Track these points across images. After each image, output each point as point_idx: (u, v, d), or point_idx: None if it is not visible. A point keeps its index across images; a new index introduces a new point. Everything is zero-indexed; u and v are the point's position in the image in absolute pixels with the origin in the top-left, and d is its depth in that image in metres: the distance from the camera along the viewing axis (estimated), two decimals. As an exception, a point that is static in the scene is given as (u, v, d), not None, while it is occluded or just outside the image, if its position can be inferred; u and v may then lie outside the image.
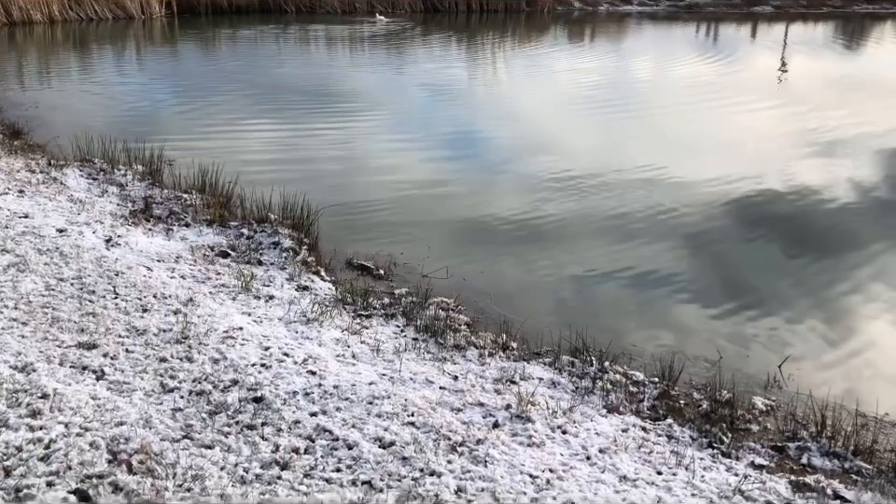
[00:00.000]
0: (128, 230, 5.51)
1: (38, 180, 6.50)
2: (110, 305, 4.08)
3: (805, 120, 11.41)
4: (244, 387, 3.33)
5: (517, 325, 4.59)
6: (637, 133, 10.55)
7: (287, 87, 13.36)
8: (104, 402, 3.08)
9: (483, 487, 2.81)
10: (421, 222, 6.57)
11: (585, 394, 3.82)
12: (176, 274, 4.75)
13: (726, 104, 12.56)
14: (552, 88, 14.61)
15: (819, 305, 5.20)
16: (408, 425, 3.19)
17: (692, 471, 3.12)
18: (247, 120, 10.47)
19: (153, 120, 10.22)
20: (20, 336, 3.60)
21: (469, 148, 9.51)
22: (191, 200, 6.37)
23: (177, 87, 13.20)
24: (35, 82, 13.12)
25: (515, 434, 3.26)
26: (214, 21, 23.58)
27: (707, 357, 4.42)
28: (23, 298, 4.02)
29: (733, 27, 26.93)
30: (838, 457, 3.43)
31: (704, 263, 5.91)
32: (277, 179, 6.93)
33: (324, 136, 9.72)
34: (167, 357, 3.56)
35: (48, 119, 9.68)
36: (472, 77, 15.24)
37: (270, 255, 5.40)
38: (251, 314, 4.29)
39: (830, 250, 6.19)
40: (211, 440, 2.92)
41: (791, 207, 7.27)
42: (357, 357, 3.91)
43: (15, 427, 2.82)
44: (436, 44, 20.41)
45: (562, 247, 6.13)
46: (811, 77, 16.64)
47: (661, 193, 7.46)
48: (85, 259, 4.71)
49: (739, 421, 3.70)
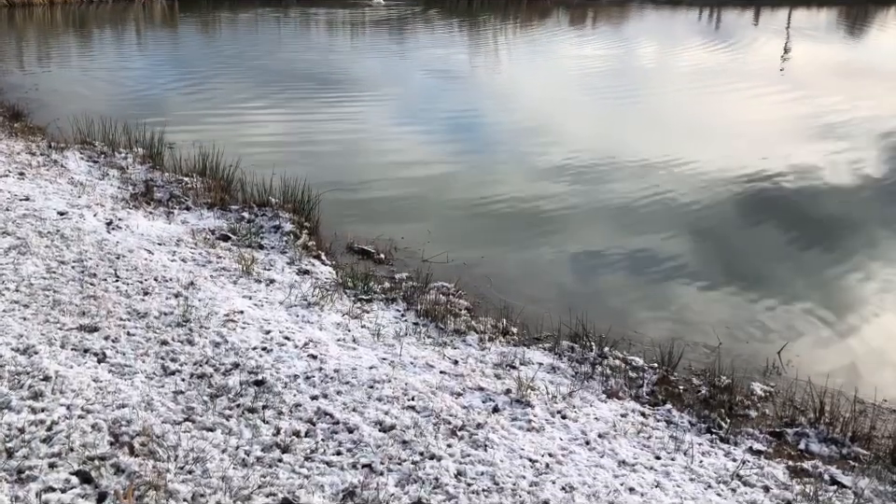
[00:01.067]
0: (129, 213, 5.51)
1: (39, 163, 6.49)
2: (111, 288, 4.08)
3: (808, 106, 11.38)
4: (245, 371, 3.34)
5: (517, 310, 4.60)
6: (640, 118, 10.53)
7: (287, 70, 13.32)
8: (105, 385, 3.09)
9: (482, 471, 2.82)
10: (422, 207, 6.57)
11: (585, 379, 3.83)
12: (177, 258, 4.75)
13: (729, 89, 12.53)
14: (553, 73, 14.57)
15: (820, 291, 5.21)
16: (408, 409, 3.20)
17: (690, 456, 3.14)
18: (248, 104, 10.45)
19: (154, 103, 10.20)
20: (21, 318, 3.60)
21: (471, 133, 9.50)
22: (192, 183, 6.37)
23: (178, 70, 13.16)
24: (35, 64, 13.08)
25: (515, 419, 3.27)
26: (214, 4, 23.46)
27: (706, 342, 4.43)
28: (25, 280, 4.02)
29: (735, 13, 26.79)
30: (836, 443, 3.44)
31: (704, 249, 5.91)
32: (278, 163, 6.92)
33: (325, 120, 9.70)
34: (168, 340, 3.57)
35: (48, 101, 9.66)
36: (474, 62, 15.20)
37: (271, 239, 5.40)
38: (252, 297, 4.30)
39: (831, 236, 6.19)
40: (212, 422, 2.93)
41: (794, 193, 7.27)
42: (358, 342, 3.92)
43: (17, 409, 2.83)
44: (438, 28, 20.30)
45: (563, 232, 6.13)
46: (815, 63, 16.57)
47: (663, 178, 7.46)
48: (86, 241, 4.71)
49: (738, 407, 3.71)
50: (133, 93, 11.00)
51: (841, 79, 14.14)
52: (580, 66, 15.02)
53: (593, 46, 17.82)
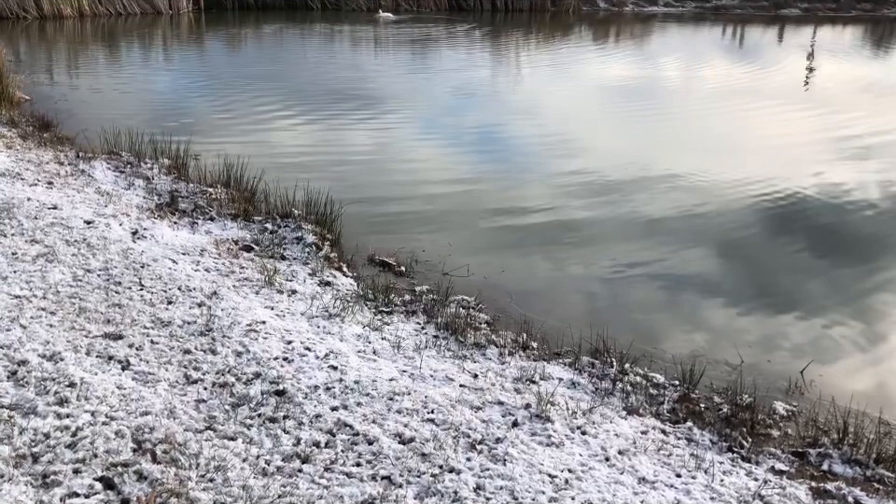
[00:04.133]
0: (154, 222, 5.58)
1: (67, 172, 6.60)
2: (136, 297, 4.13)
3: (833, 124, 11.29)
4: (266, 380, 3.36)
5: (538, 324, 4.60)
6: (664, 133, 10.50)
7: (312, 83, 13.44)
8: (129, 392, 3.13)
9: (501, 486, 2.82)
10: (443, 220, 6.59)
11: (605, 395, 3.81)
12: (201, 267, 4.81)
13: (753, 106, 12.46)
14: (576, 87, 14.58)
15: (844, 310, 5.15)
16: (427, 421, 3.21)
17: (711, 475, 3.11)
18: (272, 116, 10.54)
19: (180, 115, 10.32)
20: (48, 325, 3.66)
21: (493, 146, 9.52)
22: (216, 194, 6.44)
23: (203, 82, 13.33)
24: (65, 76, 13.30)
25: (534, 433, 3.27)
26: (240, 18, 23.76)
27: (728, 360, 4.40)
28: (52, 288, 4.08)
29: (759, 30, 26.67)
30: (860, 465, 3.40)
31: (728, 265, 5.87)
32: (301, 175, 6.97)
33: (348, 133, 9.77)
34: (191, 348, 3.60)
35: (76, 111, 9.81)
36: (497, 76, 15.24)
37: (293, 250, 5.44)
38: (274, 308, 4.33)
39: (857, 254, 6.13)
40: (234, 431, 2.96)
41: (818, 211, 7.20)
42: (378, 353, 3.94)
43: (43, 415, 2.87)
44: (461, 42, 20.41)
45: (585, 247, 6.12)
46: (840, 81, 16.44)
47: (686, 194, 7.43)
48: (112, 250, 4.77)
49: (760, 426, 3.68)
50: (160, 105, 11.15)
51: (867, 97, 14.02)
52: (603, 82, 15.01)
53: (616, 61, 17.81)
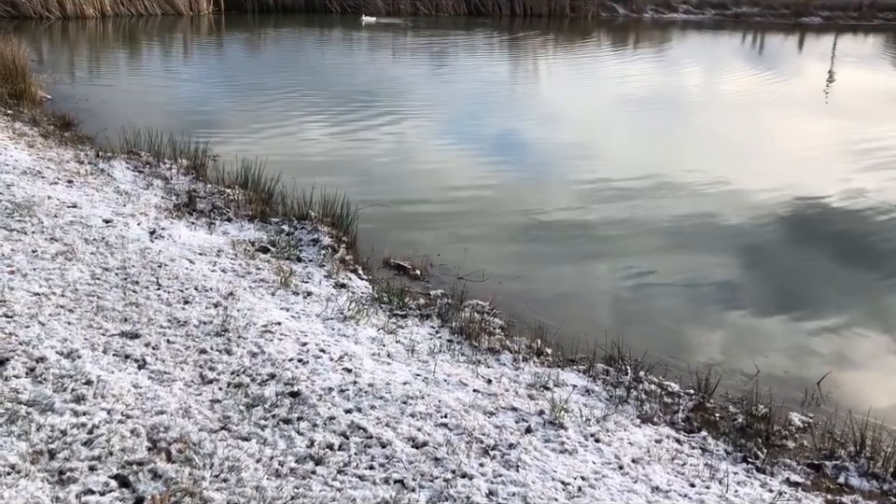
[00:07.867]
0: (171, 222, 5.62)
1: (86, 171, 6.65)
2: (153, 296, 4.16)
3: (854, 133, 11.21)
4: (281, 382, 3.37)
5: (552, 330, 4.59)
6: (684, 140, 10.47)
7: (330, 86, 13.49)
8: (145, 391, 3.14)
9: (514, 492, 2.81)
10: (459, 224, 6.59)
11: (619, 403, 3.80)
12: (217, 268, 4.83)
13: (774, 114, 12.40)
14: (595, 93, 14.56)
15: (861, 321, 5.11)
16: (441, 426, 3.21)
17: (725, 485, 3.09)
18: (291, 118, 10.59)
19: (199, 115, 10.40)
20: (66, 323, 3.69)
21: (511, 151, 9.52)
22: (234, 195, 6.47)
23: (223, 83, 13.42)
24: (86, 75, 13.43)
25: (548, 440, 3.26)
26: (260, 20, 23.90)
27: (744, 370, 4.37)
28: (70, 286, 4.12)
29: (779, 38, 26.53)
30: (877, 478, 3.36)
31: (746, 274, 5.84)
32: (318, 177, 7.00)
33: (366, 136, 9.80)
34: (207, 348, 3.62)
35: (97, 111, 9.90)
36: (517, 82, 15.24)
37: (309, 252, 5.46)
38: (289, 309, 4.35)
39: (878, 265, 6.08)
40: (248, 432, 2.96)
41: (838, 221, 7.15)
42: (392, 357, 3.94)
43: (60, 412, 2.89)
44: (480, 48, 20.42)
45: (601, 254, 6.11)
46: (861, 91, 16.32)
47: (706, 201, 7.39)
48: (129, 249, 4.81)
49: (775, 437, 3.65)
50: (179, 105, 11.23)
51: (887, 106, 13.90)
52: (623, 88, 14.98)
53: (636, 68, 17.76)
